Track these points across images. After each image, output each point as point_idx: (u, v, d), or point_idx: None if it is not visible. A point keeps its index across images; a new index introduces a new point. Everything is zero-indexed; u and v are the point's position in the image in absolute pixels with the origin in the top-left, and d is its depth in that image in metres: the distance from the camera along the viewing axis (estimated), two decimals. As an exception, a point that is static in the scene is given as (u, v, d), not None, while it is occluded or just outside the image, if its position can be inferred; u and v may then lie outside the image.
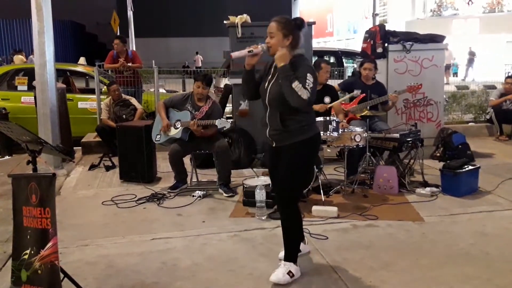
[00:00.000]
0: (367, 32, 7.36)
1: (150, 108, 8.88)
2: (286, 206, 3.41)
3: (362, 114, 5.89)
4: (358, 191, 5.42)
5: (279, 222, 4.45)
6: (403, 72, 6.96)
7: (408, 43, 6.96)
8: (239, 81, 6.76)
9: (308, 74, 3.18)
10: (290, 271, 3.32)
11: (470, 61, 25.19)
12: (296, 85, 3.11)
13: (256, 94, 3.49)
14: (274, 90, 3.30)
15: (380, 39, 6.97)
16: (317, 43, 30.81)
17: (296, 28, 3.26)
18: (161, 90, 9.77)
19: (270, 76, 3.37)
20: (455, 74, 25.23)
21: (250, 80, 3.45)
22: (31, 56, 19.30)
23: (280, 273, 3.31)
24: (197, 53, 33.09)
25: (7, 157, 7.71)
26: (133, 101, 7.84)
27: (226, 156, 5.55)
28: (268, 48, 3.27)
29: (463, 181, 5.29)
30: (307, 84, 3.14)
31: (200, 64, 30.43)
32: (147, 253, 3.92)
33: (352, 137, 5.19)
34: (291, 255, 3.40)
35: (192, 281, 3.44)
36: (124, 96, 7.84)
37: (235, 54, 3.28)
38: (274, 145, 3.42)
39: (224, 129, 5.32)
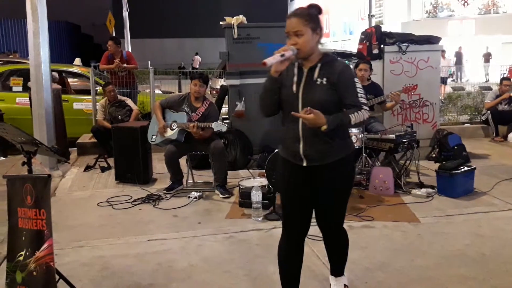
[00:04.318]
0: (363, 33, 7.37)
1: (146, 109, 8.87)
2: (341, 230, 3.03)
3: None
4: (354, 192, 5.40)
5: (275, 223, 4.49)
6: (399, 74, 6.97)
7: (404, 44, 6.98)
8: (235, 82, 6.89)
9: (355, 82, 2.71)
10: (345, 285, 3.15)
11: (458, 62, 25.21)
12: (354, 118, 2.65)
13: (278, 107, 2.79)
14: (309, 95, 2.67)
15: (376, 40, 6.98)
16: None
17: (319, 16, 2.71)
18: (157, 91, 9.75)
19: (296, 78, 2.72)
20: (450, 75, 25.23)
21: (277, 90, 2.73)
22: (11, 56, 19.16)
23: None
24: (196, 53, 33.09)
25: (2, 158, 7.66)
26: (129, 102, 7.83)
27: (222, 157, 5.54)
28: (297, 50, 2.61)
29: (459, 182, 5.30)
30: (359, 95, 2.68)
31: (197, 65, 30.41)
32: (143, 255, 3.91)
33: (348, 138, 5.19)
34: (343, 268, 3.17)
35: (188, 283, 3.43)
36: (119, 97, 7.83)
37: (269, 60, 2.56)
38: (305, 165, 2.73)
39: (220, 131, 5.32)
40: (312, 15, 2.67)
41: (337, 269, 3.17)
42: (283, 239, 2.96)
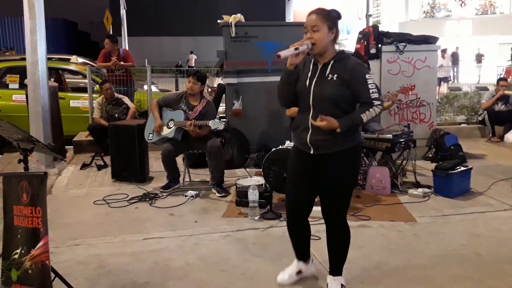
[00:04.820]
0: (360, 33, 7.38)
1: (143, 107, 8.86)
2: (343, 222, 3.10)
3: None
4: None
5: (271, 222, 4.49)
6: (396, 73, 6.98)
7: (401, 44, 6.99)
8: (232, 80, 6.89)
9: (366, 78, 2.87)
10: (342, 285, 3.16)
11: (454, 63, 25.18)
12: (366, 117, 2.85)
13: (295, 98, 3.03)
14: (320, 89, 2.89)
15: (374, 40, 7.00)
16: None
17: (337, 20, 2.95)
18: (154, 89, 9.74)
19: (310, 73, 2.95)
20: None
21: (293, 82, 2.97)
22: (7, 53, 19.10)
23: None
24: (191, 52, 33.05)
25: (-2, 155, 7.66)
26: (126, 100, 7.81)
27: (219, 156, 5.53)
28: (312, 45, 2.84)
29: (455, 182, 5.30)
30: (371, 91, 2.85)
31: (193, 64, 30.37)
32: (139, 253, 3.90)
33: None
34: (342, 268, 3.20)
35: (184, 281, 3.42)
36: (116, 95, 7.81)
37: (283, 53, 2.79)
38: (312, 152, 2.95)
39: (217, 129, 5.31)
40: (330, 15, 2.91)
41: (336, 268, 3.19)
42: (289, 220, 3.25)
